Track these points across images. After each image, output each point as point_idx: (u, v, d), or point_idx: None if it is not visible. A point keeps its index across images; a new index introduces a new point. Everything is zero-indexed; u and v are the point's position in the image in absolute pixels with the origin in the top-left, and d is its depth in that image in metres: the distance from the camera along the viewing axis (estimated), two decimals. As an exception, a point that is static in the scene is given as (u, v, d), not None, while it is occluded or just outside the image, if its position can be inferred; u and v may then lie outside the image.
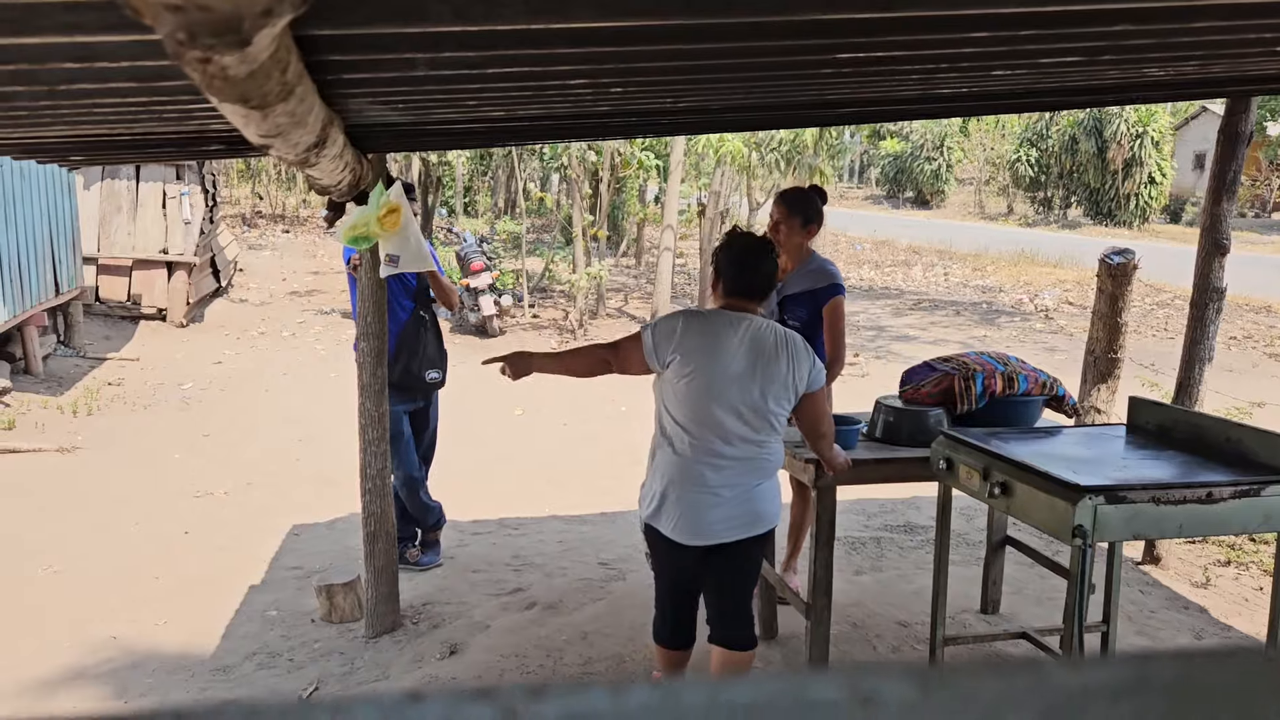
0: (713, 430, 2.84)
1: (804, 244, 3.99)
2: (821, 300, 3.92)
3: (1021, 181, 30.22)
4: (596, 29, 1.53)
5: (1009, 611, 4.25)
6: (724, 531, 2.91)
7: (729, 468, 2.87)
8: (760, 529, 2.96)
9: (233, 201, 20.15)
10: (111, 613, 4.42)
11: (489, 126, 3.20)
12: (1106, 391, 5.33)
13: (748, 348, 2.84)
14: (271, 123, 1.27)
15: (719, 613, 3.07)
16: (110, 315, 10.86)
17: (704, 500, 2.88)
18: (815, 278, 3.95)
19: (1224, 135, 4.59)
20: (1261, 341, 11.61)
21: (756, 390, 2.84)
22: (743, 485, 2.89)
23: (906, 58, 2.12)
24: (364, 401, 4.08)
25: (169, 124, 2.18)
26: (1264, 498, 2.74)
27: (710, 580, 3.06)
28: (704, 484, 2.87)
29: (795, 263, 4.00)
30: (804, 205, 3.97)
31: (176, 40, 0.73)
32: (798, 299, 3.96)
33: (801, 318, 3.94)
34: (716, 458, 2.86)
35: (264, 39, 0.79)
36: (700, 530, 2.91)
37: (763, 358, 2.85)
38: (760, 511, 2.95)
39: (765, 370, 2.85)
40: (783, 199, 4.04)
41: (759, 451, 2.90)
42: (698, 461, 2.86)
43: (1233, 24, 1.96)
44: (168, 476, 6.42)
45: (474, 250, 11.79)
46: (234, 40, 0.75)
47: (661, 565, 3.10)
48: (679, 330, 2.87)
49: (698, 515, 2.89)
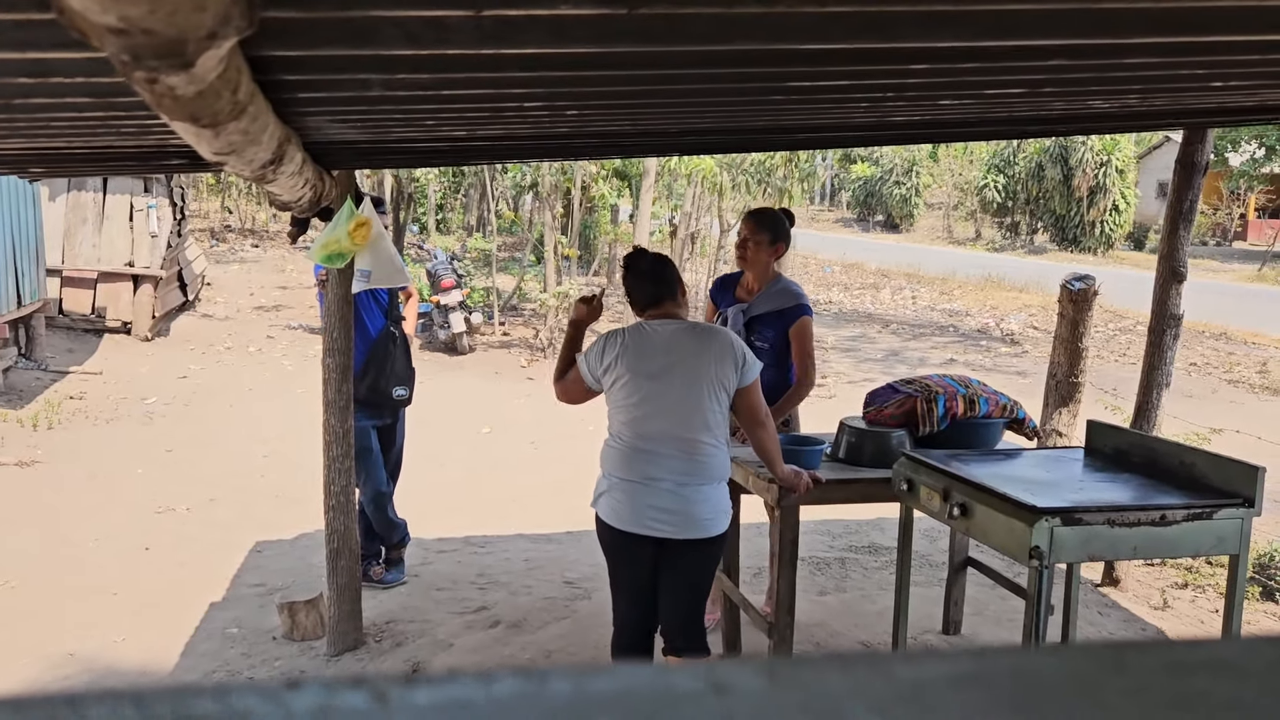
0: (644, 429, 3.00)
1: (770, 263, 4.03)
2: (789, 321, 3.96)
3: (989, 207, 30.63)
4: (548, 54, 1.55)
5: (970, 632, 4.28)
6: (658, 524, 2.98)
7: (662, 463, 2.98)
8: (696, 534, 3.01)
9: (202, 215, 20.01)
10: (69, 629, 4.35)
11: (451, 145, 3.22)
12: (1068, 415, 5.40)
13: (669, 349, 2.99)
14: (224, 140, 1.28)
15: (670, 624, 3.14)
16: (74, 328, 10.73)
17: (638, 488, 3.00)
18: (782, 298, 3.99)
19: (1181, 165, 4.69)
20: (1220, 368, 11.81)
21: (683, 389, 2.96)
22: (675, 481, 2.98)
23: (854, 86, 2.17)
24: (329, 418, 4.06)
25: (128, 138, 2.18)
26: (1216, 520, 2.80)
27: (661, 591, 3.12)
28: (639, 474, 3.00)
29: (761, 283, 4.04)
30: (772, 224, 4.02)
31: (122, 61, 0.74)
32: (765, 319, 3.99)
33: (769, 338, 3.97)
34: (650, 453, 2.99)
35: (209, 61, 0.80)
36: (635, 516, 3.00)
37: (686, 357, 2.98)
38: (695, 515, 3.00)
39: (690, 369, 2.97)
40: (751, 217, 4.10)
41: (692, 451, 2.98)
42: (634, 455, 3.01)
43: (1166, 60, 2.02)
44: (129, 491, 6.34)
45: (445, 267, 11.77)
46: (178, 62, 0.76)
47: (609, 559, 3.18)
48: (604, 346, 3.08)
49: (632, 501, 3.01)
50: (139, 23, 0.66)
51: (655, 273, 3.12)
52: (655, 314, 3.10)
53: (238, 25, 0.77)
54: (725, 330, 3.14)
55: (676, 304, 3.13)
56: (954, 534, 4.14)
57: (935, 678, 0.27)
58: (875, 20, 1.44)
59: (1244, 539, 2.84)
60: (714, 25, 1.43)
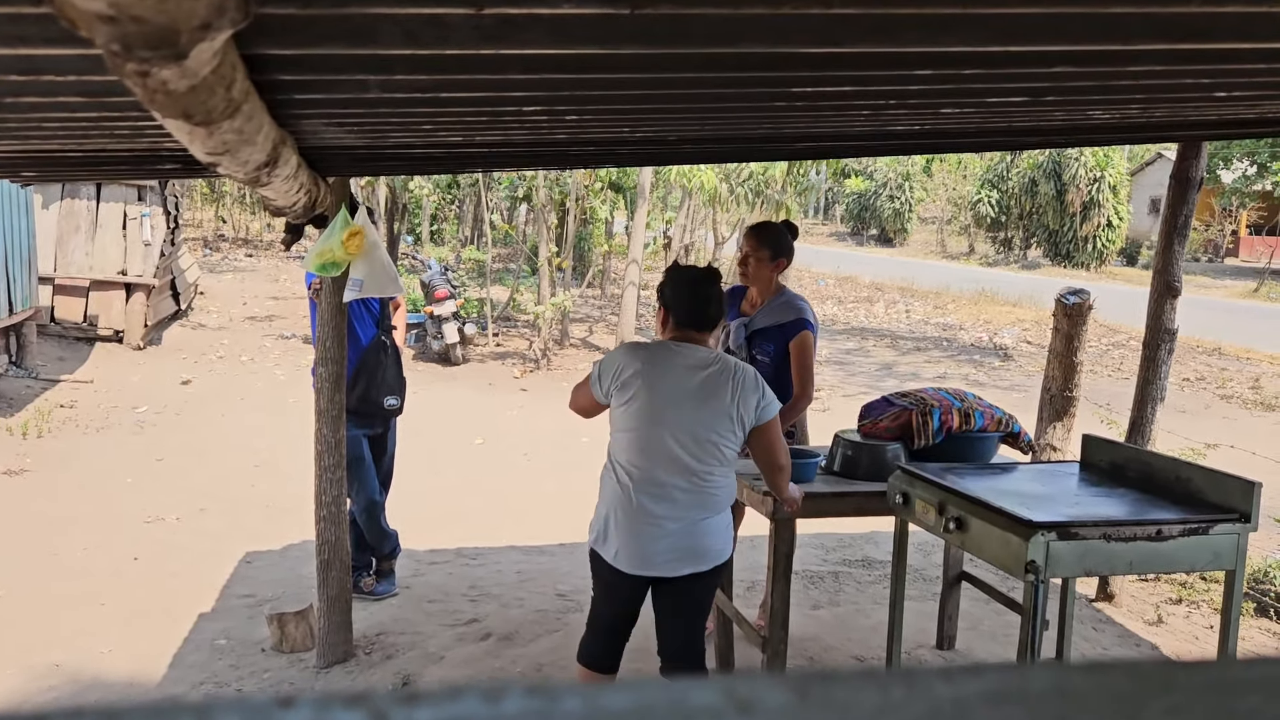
0: (653, 459, 2.83)
1: (773, 278, 4.00)
2: (789, 335, 3.94)
3: (983, 222, 30.73)
4: (549, 55, 1.54)
5: (964, 647, 4.26)
6: (667, 564, 2.88)
7: (672, 499, 2.84)
8: (705, 565, 2.91)
9: (195, 224, 19.98)
10: (56, 639, 4.30)
11: (448, 152, 3.20)
12: (1062, 429, 5.39)
13: (690, 378, 2.83)
14: (218, 140, 1.26)
15: (669, 647, 3.05)
16: (65, 336, 10.67)
17: (646, 530, 2.85)
18: (783, 312, 3.96)
19: (1175, 180, 4.70)
20: (1213, 383, 11.83)
21: (698, 420, 2.82)
22: (687, 518, 2.85)
23: (856, 93, 2.16)
24: (321, 427, 4.03)
25: (121, 141, 2.16)
26: (1211, 536, 2.78)
27: (659, 615, 3.04)
28: (647, 514, 2.84)
29: (764, 297, 4.01)
30: (774, 239, 3.99)
31: (112, 52, 0.72)
32: (766, 333, 3.97)
33: (770, 352, 3.95)
34: (658, 487, 2.84)
35: (203, 53, 0.78)
36: (643, 560, 2.88)
37: (706, 388, 2.83)
38: (705, 547, 2.90)
39: (708, 401, 2.82)
40: (753, 232, 4.06)
41: (703, 484, 2.86)
42: (640, 491, 2.85)
43: (1169, 69, 2.01)
44: (119, 501, 6.30)
45: (439, 278, 11.74)
46: (170, 53, 0.74)
47: (602, 591, 3.06)
48: (620, 361, 2.89)
49: (640, 545, 2.86)
50: (129, 9, 0.64)
51: (715, 295, 2.95)
52: (684, 337, 2.92)
53: (232, 17, 0.75)
54: (747, 365, 2.97)
55: (711, 334, 3.00)
56: (948, 548, 4.12)
57: (973, 695, 0.25)
58: (881, 23, 1.43)
59: (1240, 554, 2.83)
60: (718, 27, 1.41)
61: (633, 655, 3.22)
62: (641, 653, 3.39)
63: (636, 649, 3.24)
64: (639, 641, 3.20)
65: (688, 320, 2.93)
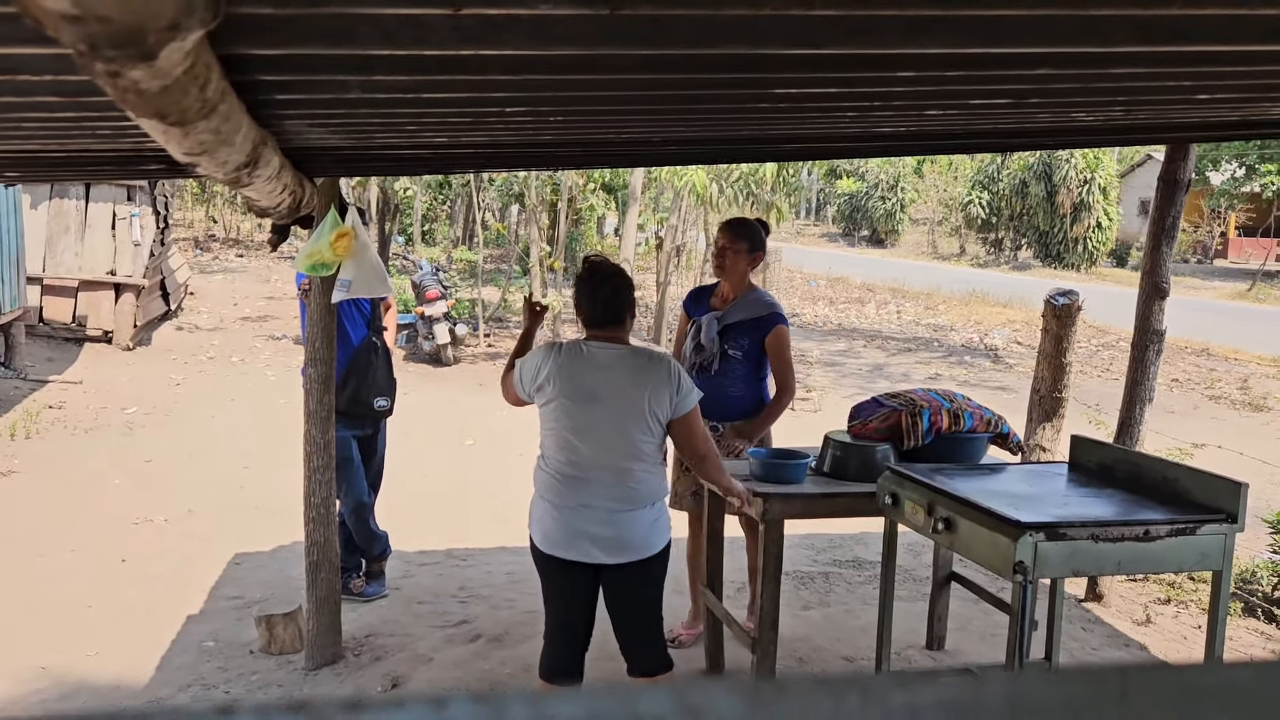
0: (574, 456, 2.93)
1: (747, 272, 4.04)
2: (764, 330, 3.96)
3: (973, 223, 30.81)
4: (529, 56, 1.53)
5: (954, 647, 4.26)
6: (589, 549, 2.94)
7: (593, 492, 2.92)
8: (627, 557, 2.95)
9: (186, 224, 19.91)
10: (42, 642, 4.28)
11: (434, 153, 3.19)
12: (1051, 430, 5.40)
13: (599, 378, 2.90)
14: (194, 140, 1.25)
15: (625, 643, 3.10)
16: (54, 337, 10.62)
17: (570, 513, 2.95)
18: (756, 307, 4.00)
19: (1163, 182, 4.71)
20: (1201, 384, 11.87)
21: (611, 420, 2.89)
22: (605, 508, 2.92)
23: (840, 94, 2.15)
24: (310, 428, 4.02)
25: (104, 141, 2.15)
26: (1199, 536, 2.79)
27: (611, 614, 3.08)
28: (572, 499, 2.95)
29: (737, 292, 4.04)
30: (750, 233, 4.02)
31: (79, 51, 0.71)
32: (740, 328, 3.99)
33: (744, 346, 3.97)
34: (583, 481, 2.93)
35: (173, 53, 0.77)
36: (567, 544, 2.95)
37: (616, 387, 2.89)
38: (626, 539, 2.94)
39: (619, 399, 2.89)
40: (729, 226, 4.10)
41: (623, 480, 2.92)
42: (562, 480, 2.96)
43: (1151, 71, 2.02)
44: (107, 502, 6.27)
45: (430, 278, 11.72)
46: (138, 53, 0.73)
47: (545, 586, 3.12)
48: (536, 362, 3.00)
49: (560, 526, 2.96)
50: (93, 9, 0.64)
51: (611, 292, 3.00)
52: (598, 335, 3.00)
53: (201, 17, 0.74)
54: (665, 358, 3.01)
55: (622, 328, 3.02)
56: (938, 549, 4.13)
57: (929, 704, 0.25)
58: (862, 25, 1.42)
59: (1227, 555, 2.83)
60: (698, 28, 1.41)
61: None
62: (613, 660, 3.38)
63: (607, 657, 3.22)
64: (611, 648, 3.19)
65: (591, 320, 3.00)
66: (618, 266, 3.13)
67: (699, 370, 4.04)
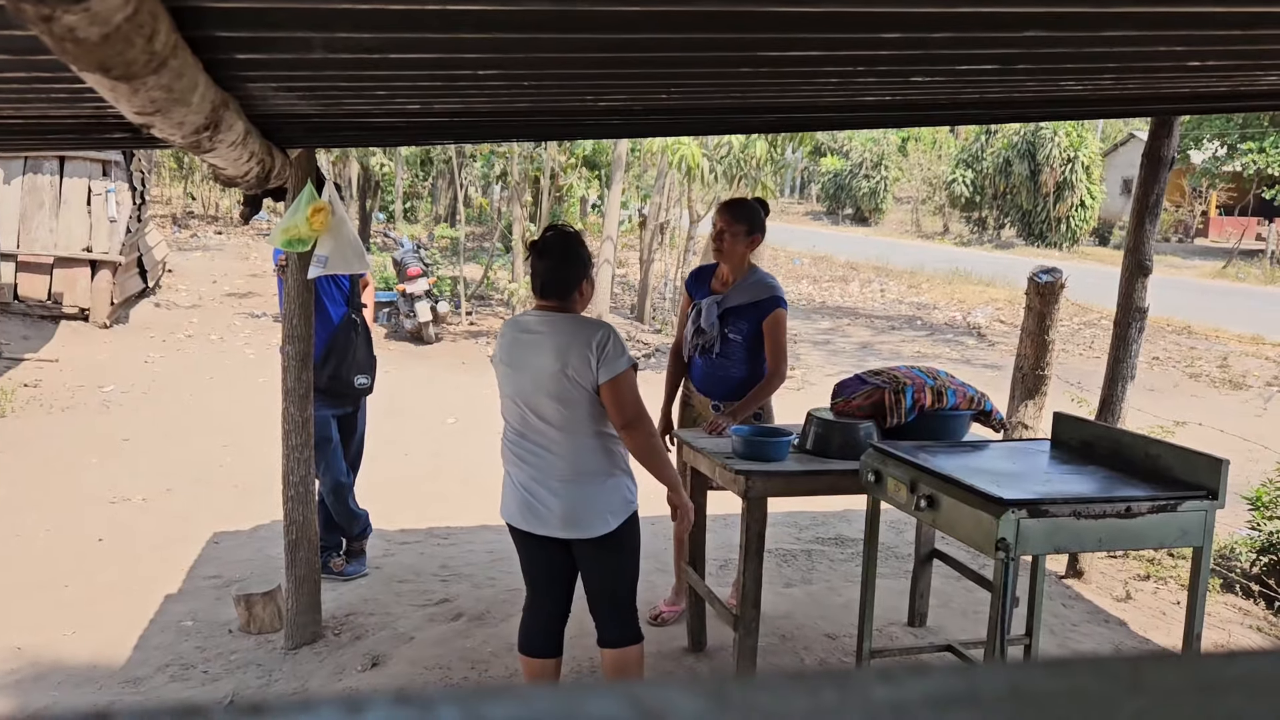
0: (522, 426, 2.98)
1: (746, 254, 3.98)
2: (763, 313, 3.92)
3: (957, 202, 30.82)
4: (501, 12, 1.48)
5: (936, 624, 4.28)
6: (545, 521, 2.95)
7: (535, 462, 2.96)
8: (581, 533, 2.94)
9: (164, 201, 19.69)
10: (17, 622, 4.23)
11: (408, 121, 3.12)
12: (1034, 407, 5.41)
13: (527, 348, 2.92)
14: (145, 98, 1.20)
15: (595, 615, 3.11)
16: (29, 314, 10.48)
17: (520, 489, 3.00)
18: (756, 290, 3.95)
19: (1147, 159, 4.69)
20: (1182, 362, 11.94)
21: (540, 388, 2.89)
22: (550, 484, 2.94)
23: (824, 59, 2.11)
24: (288, 406, 3.97)
25: (62, 106, 2.08)
26: (1180, 513, 2.79)
27: (583, 585, 3.10)
28: (519, 474, 3.00)
29: (736, 275, 3.99)
30: (749, 215, 3.97)
31: (7, -8, 0.67)
32: (739, 311, 3.95)
33: (743, 330, 3.94)
34: (530, 453, 2.97)
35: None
36: (522, 515, 3.00)
37: (539, 357, 2.88)
38: (578, 515, 2.92)
39: (543, 369, 2.87)
40: (727, 208, 4.03)
41: (563, 449, 2.91)
42: (519, 455, 3.00)
43: (1143, 34, 1.98)
44: (83, 481, 6.20)
45: (411, 255, 11.62)
46: (70, -6, 0.69)
47: (520, 555, 3.16)
48: (500, 336, 3.07)
49: (514, 497, 3.01)
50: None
51: (551, 265, 2.92)
52: (541, 306, 2.97)
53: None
54: (597, 323, 2.93)
55: (566, 300, 2.94)
56: (920, 526, 4.13)
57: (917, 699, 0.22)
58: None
59: (1207, 531, 2.83)
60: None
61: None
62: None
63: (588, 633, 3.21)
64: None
65: (534, 290, 3.00)
66: (569, 239, 2.99)
67: (701, 352, 4.02)
